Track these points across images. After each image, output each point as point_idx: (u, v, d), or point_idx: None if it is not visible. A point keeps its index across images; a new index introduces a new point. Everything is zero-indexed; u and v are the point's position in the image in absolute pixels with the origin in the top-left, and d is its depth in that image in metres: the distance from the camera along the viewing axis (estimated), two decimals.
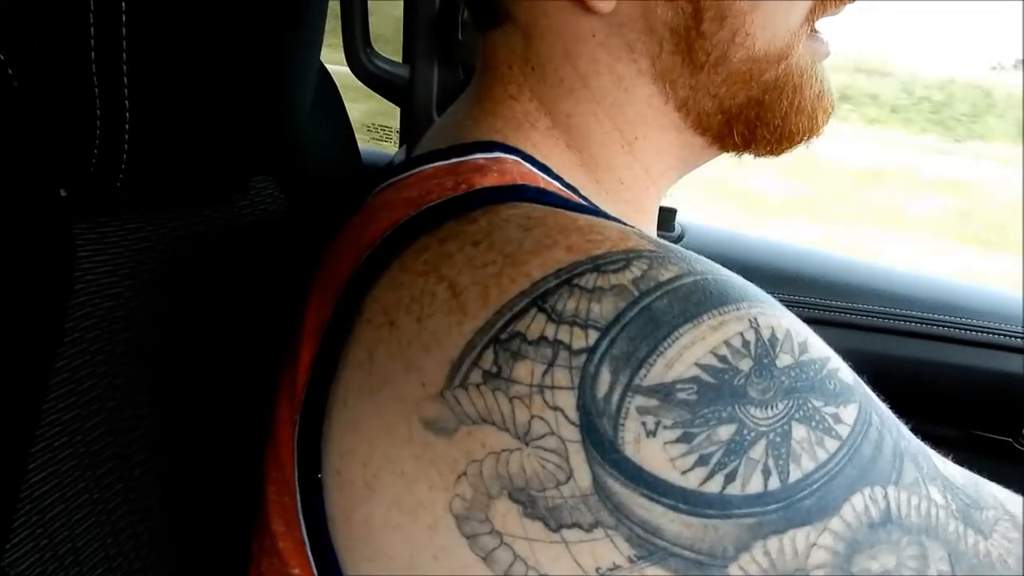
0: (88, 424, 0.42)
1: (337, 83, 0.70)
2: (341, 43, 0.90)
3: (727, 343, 0.29)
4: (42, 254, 0.40)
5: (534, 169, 0.41)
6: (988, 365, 0.90)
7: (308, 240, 0.61)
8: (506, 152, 0.40)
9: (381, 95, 0.90)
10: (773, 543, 0.28)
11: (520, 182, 0.38)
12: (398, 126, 0.98)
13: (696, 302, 0.30)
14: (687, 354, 0.29)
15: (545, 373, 0.29)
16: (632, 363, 0.29)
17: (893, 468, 0.30)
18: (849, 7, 0.45)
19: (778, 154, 0.46)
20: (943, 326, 0.90)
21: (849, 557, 0.29)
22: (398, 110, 0.95)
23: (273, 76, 0.52)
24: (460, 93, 0.49)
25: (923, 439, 0.33)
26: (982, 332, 0.90)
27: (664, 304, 0.29)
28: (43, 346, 0.40)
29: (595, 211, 0.37)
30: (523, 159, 0.41)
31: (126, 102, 0.41)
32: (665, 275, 0.30)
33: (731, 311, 0.30)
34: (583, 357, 0.29)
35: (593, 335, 0.29)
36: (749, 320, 0.30)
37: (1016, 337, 0.89)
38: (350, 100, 0.75)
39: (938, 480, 0.32)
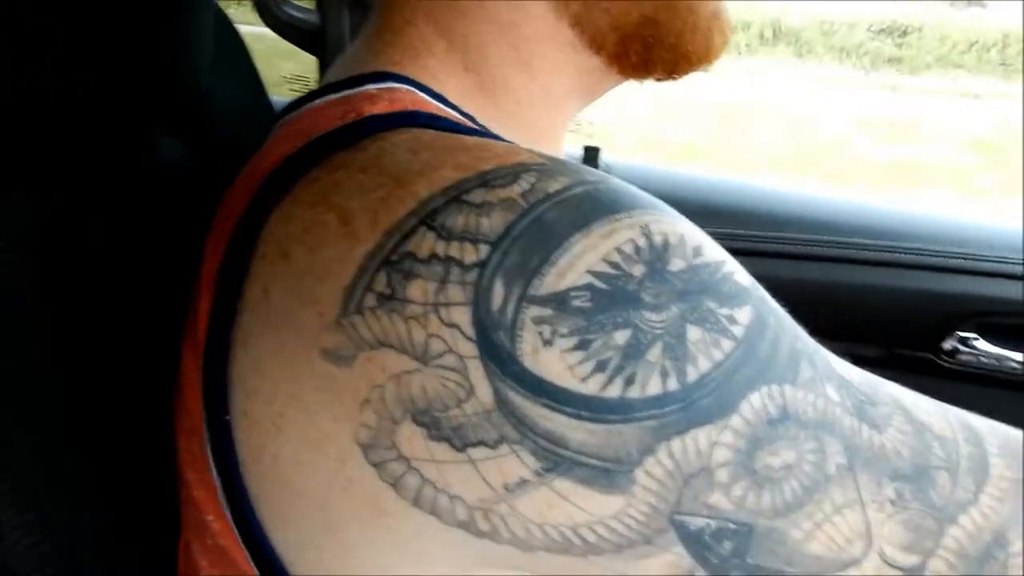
0: None
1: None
2: None
3: (619, 250, 0.29)
4: None
5: (427, 97, 0.40)
6: (907, 285, 0.92)
7: (215, 197, 0.59)
8: (399, 82, 0.40)
9: (293, 43, 0.88)
10: (676, 444, 0.29)
11: (411, 108, 0.38)
12: (316, 77, 0.96)
13: (586, 211, 0.30)
14: (579, 262, 0.29)
15: (438, 291, 0.29)
16: (525, 274, 0.29)
17: (789, 367, 0.31)
18: None
19: (677, 77, 0.46)
20: (862, 249, 0.93)
21: (751, 453, 0.29)
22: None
23: (164, 24, 0.51)
24: None
25: (848, 359, 0.34)
26: (899, 252, 0.92)
27: (554, 215, 0.30)
28: None
29: (488, 135, 0.37)
30: (417, 88, 0.40)
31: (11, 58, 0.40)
32: (554, 186, 0.30)
33: (622, 219, 0.30)
34: (475, 272, 0.29)
35: (484, 249, 0.29)
36: (640, 227, 0.30)
37: (932, 255, 0.91)
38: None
39: (834, 379, 0.32)
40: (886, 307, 0.93)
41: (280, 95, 0.80)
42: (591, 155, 0.94)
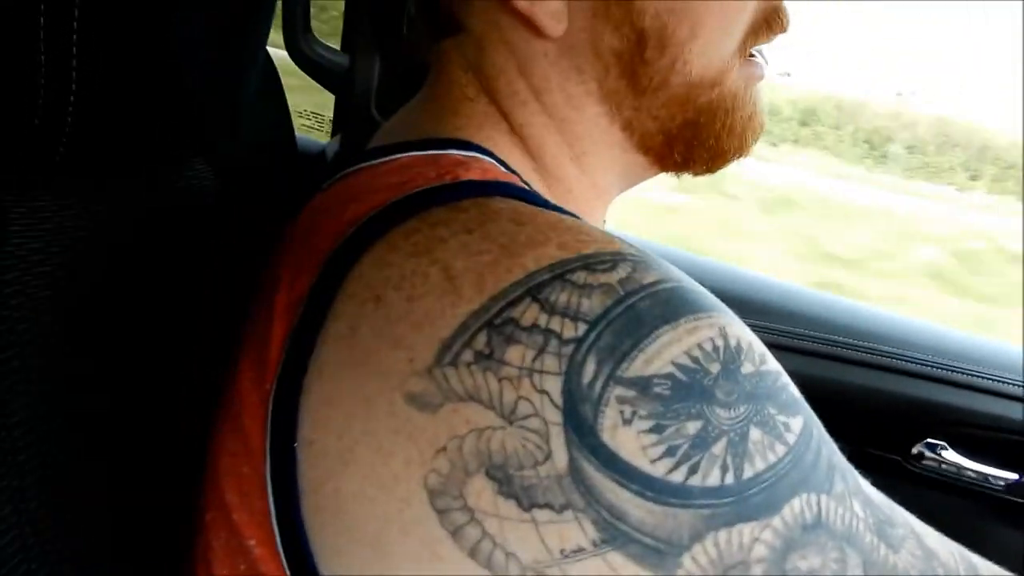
0: (12, 407, 0.41)
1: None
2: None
3: (700, 346, 0.31)
4: None
5: (508, 172, 0.42)
6: (883, 387, 0.95)
7: (241, 222, 0.59)
8: (481, 153, 0.42)
9: (318, 82, 0.89)
10: (723, 535, 0.30)
11: (503, 180, 0.40)
12: (331, 116, 0.97)
13: (675, 306, 0.32)
14: (665, 352, 0.31)
15: (535, 358, 0.31)
16: (616, 355, 0.31)
17: (827, 478, 0.33)
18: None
19: (713, 171, 0.50)
20: (844, 347, 0.95)
21: (784, 554, 0.31)
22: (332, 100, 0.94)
23: (220, 58, 0.51)
24: (401, 89, 0.49)
25: None
26: (879, 355, 0.95)
27: (647, 305, 0.32)
28: None
29: (575, 216, 0.39)
30: (497, 162, 0.42)
31: (73, 73, 0.40)
32: (648, 279, 0.32)
33: (704, 318, 0.32)
34: (572, 346, 0.31)
35: (582, 327, 0.31)
36: (719, 328, 0.32)
37: (911, 362, 0.94)
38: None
39: (860, 495, 0.34)
40: (861, 406, 0.95)
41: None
42: None
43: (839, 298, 1.03)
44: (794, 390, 0.34)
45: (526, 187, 0.41)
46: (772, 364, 0.34)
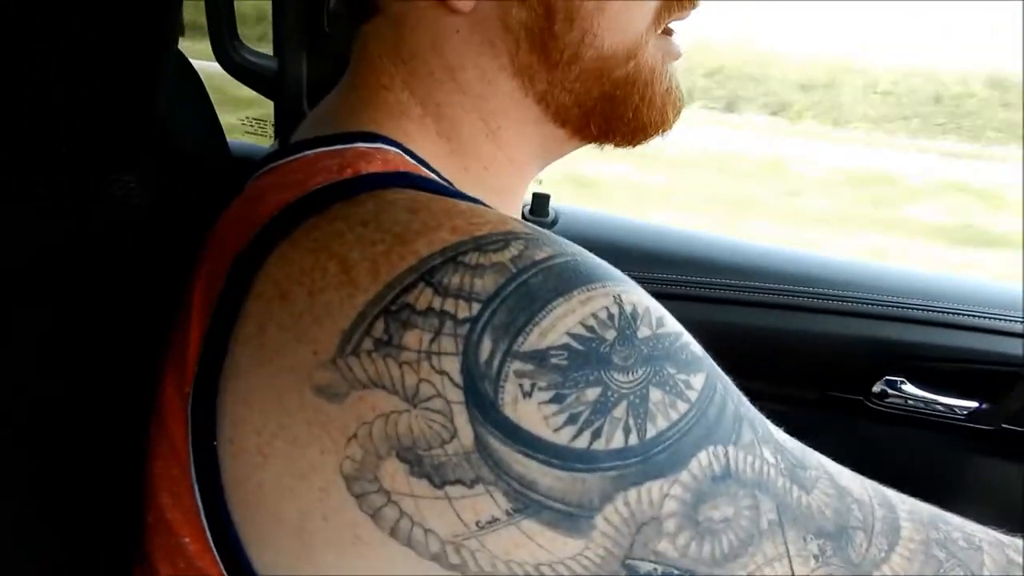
0: None
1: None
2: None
3: (594, 315, 0.33)
4: None
5: (413, 161, 0.43)
6: (840, 331, 0.96)
7: (177, 233, 0.60)
8: (387, 144, 0.43)
9: (250, 87, 0.90)
10: (632, 494, 0.32)
11: (403, 170, 0.41)
12: (272, 119, 0.98)
13: (567, 279, 0.33)
14: (559, 324, 0.32)
15: (432, 340, 0.32)
16: (511, 332, 0.32)
17: (733, 430, 0.34)
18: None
19: (634, 144, 0.51)
20: (797, 296, 0.96)
21: (695, 506, 0.32)
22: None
23: (127, 68, 0.52)
24: (330, 85, 0.50)
25: (783, 400, 0.38)
26: (833, 300, 0.96)
27: (539, 280, 0.33)
28: None
29: (473, 200, 0.40)
30: (403, 151, 0.43)
31: None
32: (540, 255, 0.34)
33: (598, 288, 0.33)
34: (467, 326, 0.32)
35: (476, 306, 0.32)
36: (613, 296, 0.33)
37: (864, 303, 0.96)
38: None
39: (771, 442, 0.36)
40: (819, 351, 0.97)
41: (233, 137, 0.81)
42: (541, 202, 0.97)
43: (781, 248, 1.04)
44: (696, 348, 0.35)
45: (431, 175, 0.42)
46: (671, 326, 0.35)
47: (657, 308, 0.35)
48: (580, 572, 0.32)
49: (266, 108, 0.94)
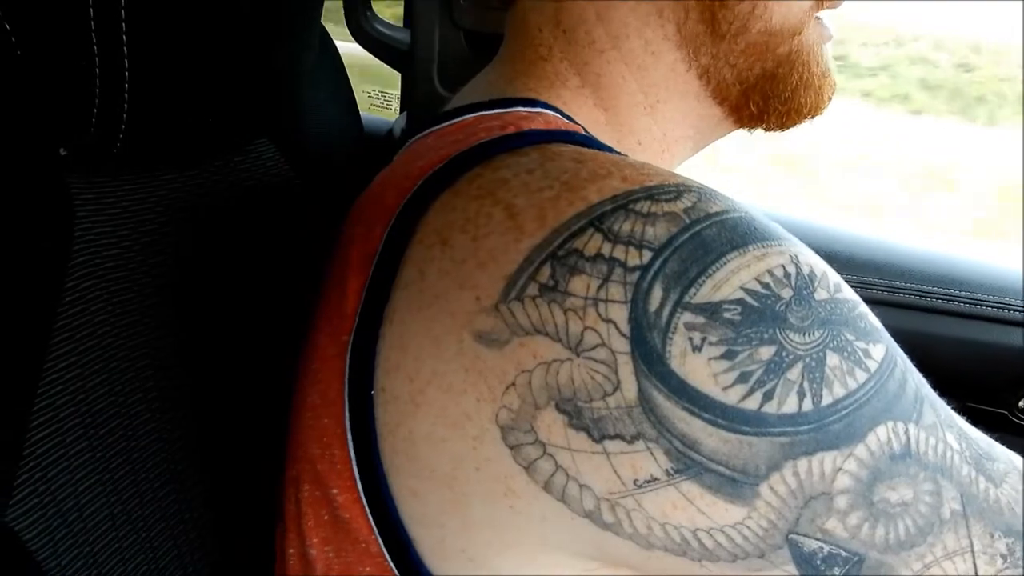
0: (90, 383, 0.43)
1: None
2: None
3: (770, 272, 0.31)
4: (41, 213, 0.40)
5: (575, 124, 0.42)
6: (985, 338, 0.90)
7: (311, 202, 0.61)
8: (547, 108, 0.42)
9: (381, 60, 0.89)
10: (803, 464, 0.30)
11: (566, 129, 0.40)
12: (398, 93, 0.97)
13: (742, 233, 0.31)
14: (734, 278, 0.30)
15: (600, 287, 0.30)
16: (683, 282, 0.30)
17: (914, 408, 0.32)
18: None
19: (786, 128, 0.49)
20: (940, 299, 0.91)
21: (871, 484, 0.30)
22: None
23: (272, 39, 0.52)
24: (461, 58, 0.49)
25: None
26: (979, 305, 0.90)
27: (713, 232, 0.31)
28: (43, 304, 0.40)
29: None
30: (562, 116, 0.42)
31: (125, 61, 0.41)
32: (713, 208, 0.32)
33: (774, 246, 0.31)
34: (637, 274, 0.30)
35: (647, 254, 0.31)
36: (791, 255, 0.31)
37: (1014, 310, 0.89)
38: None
39: (954, 427, 0.33)
40: (962, 359, 0.91)
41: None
42: None
43: (929, 248, 0.98)
44: (874, 320, 0.33)
45: (592, 136, 0.41)
46: (848, 293, 0.33)
47: (834, 274, 0.33)
48: (740, 542, 0.30)
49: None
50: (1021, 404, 0.89)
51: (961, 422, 0.34)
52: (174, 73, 0.45)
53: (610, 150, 0.40)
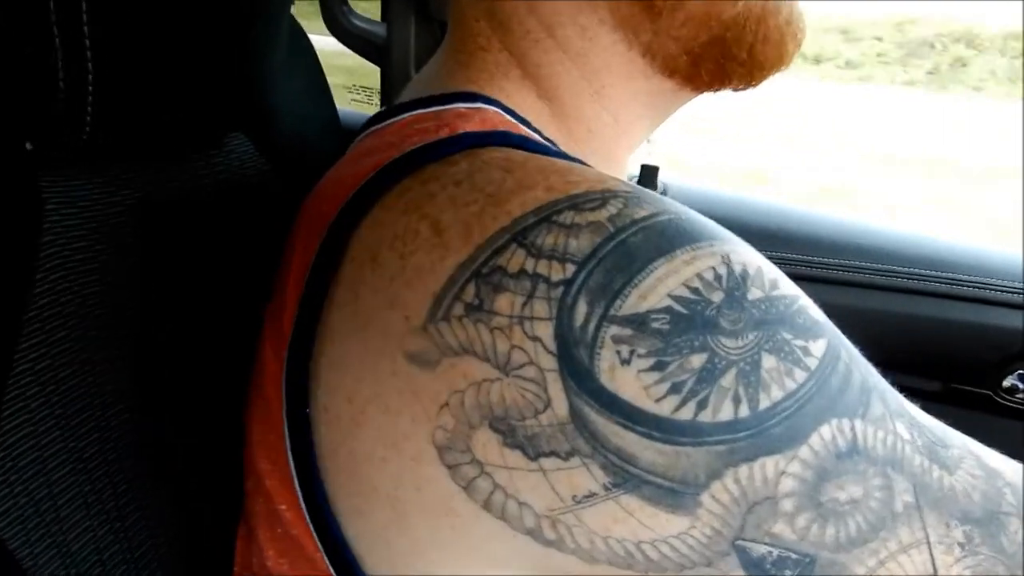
0: (61, 375, 0.43)
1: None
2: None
3: (699, 276, 0.30)
4: (8, 205, 0.41)
5: (514, 120, 0.41)
6: (969, 319, 0.90)
7: (287, 198, 0.61)
8: (487, 103, 0.41)
9: (359, 54, 0.90)
10: (743, 470, 0.29)
11: (502, 129, 0.39)
12: (379, 87, 0.97)
13: (670, 237, 0.30)
14: (661, 286, 0.29)
15: (525, 304, 0.30)
16: (607, 294, 0.29)
17: (860, 402, 0.31)
18: None
19: (753, 85, 0.46)
20: (923, 280, 0.91)
21: (817, 485, 0.29)
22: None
23: (241, 30, 0.52)
24: (436, 50, 0.49)
25: (904, 392, 0.34)
26: (962, 286, 0.90)
27: (639, 239, 0.30)
28: (12, 295, 0.40)
29: (574, 159, 0.38)
30: (503, 110, 0.41)
31: (88, 52, 0.41)
32: (640, 213, 0.31)
33: (704, 247, 0.30)
34: (560, 289, 0.30)
35: (571, 268, 0.30)
36: (721, 256, 0.30)
37: (996, 290, 0.89)
38: None
39: (905, 417, 0.32)
40: (945, 341, 0.91)
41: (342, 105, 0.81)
42: (649, 174, 0.94)
43: (907, 230, 0.98)
44: (815, 313, 0.32)
45: (532, 134, 0.41)
46: (786, 288, 0.32)
47: (771, 269, 0.32)
48: (685, 552, 0.30)
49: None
50: (1005, 384, 0.89)
51: (913, 410, 0.33)
52: (140, 64, 0.45)
53: (551, 146, 0.40)
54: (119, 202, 0.48)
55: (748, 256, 0.31)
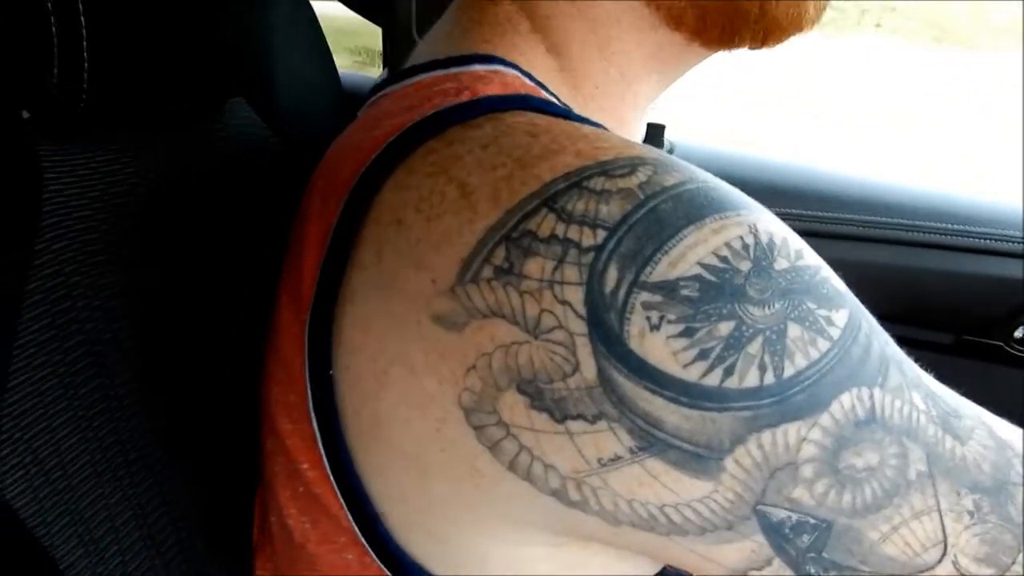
0: (67, 344, 0.43)
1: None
2: None
3: (728, 245, 0.30)
4: (7, 175, 0.40)
5: (532, 83, 0.41)
6: (979, 270, 0.90)
7: (292, 163, 0.60)
8: (504, 66, 0.41)
9: (360, 14, 0.88)
10: (767, 436, 0.29)
11: (523, 92, 0.39)
12: (380, 49, 0.96)
13: (699, 206, 0.30)
14: (690, 253, 0.29)
15: (555, 269, 0.30)
16: (638, 260, 0.29)
17: (879, 372, 0.31)
18: None
19: (769, 45, 0.45)
20: (933, 233, 0.90)
21: (836, 452, 0.30)
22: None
23: None
24: (439, 9, 0.48)
25: (916, 345, 0.34)
26: (972, 237, 0.89)
27: (669, 207, 0.30)
28: (14, 266, 0.40)
29: (595, 124, 0.38)
30: (520, 73, 0.41)
31: (82, 19, 0.41)
32: (669, 181, 0.31)
33: (732, 216, 0.30)
34: (591, 254, 0.30)
35: (601, 234, 0.30)
36: (748, 226, 0.30)
37: (1006, 241, 0.89)
38: None
39: (921, 387, 0.32)
40: (955, 293, 0.90)
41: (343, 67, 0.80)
42: (655, 133, 0.93)
43: (917, 184, 0.97)
44: (837, 283, 0.32)
45: (550, 98, 0.40)
46: (810, 258, 0.32)
47: (796, 239, 0.32)
48: (708, 515, 0.30)
49: None
50: (1016, 335, 0.89)
51: (928, 379, 0.34)
52: (136, 31, 0.44)
53: (567, 110, 0.39)
54: (120, 171, 0.47)
55: (774, 226, 0.32)
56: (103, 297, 0.45)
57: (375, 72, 1.02)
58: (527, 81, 0.41)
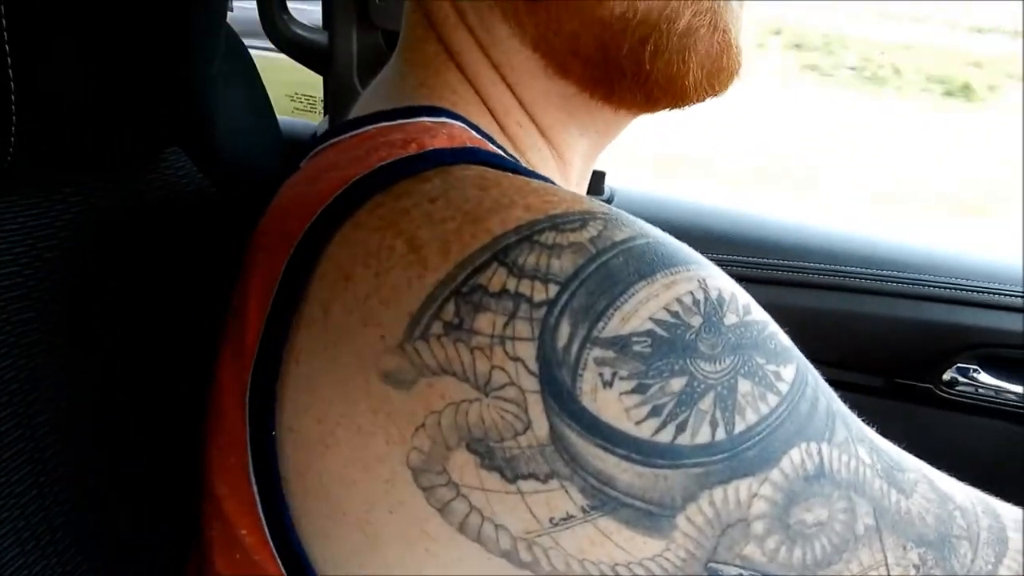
0: None
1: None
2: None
3: (679, 300, 0.30)
4: None
5: (479, 136, 0.41)
6: (909, 315, 0.92)
7: (230, 214, 0.59)
8: (450, 117, 0.41)
9: (300, 63, 0.88)
10: (718, 493, 0.29)
11: (471, 145, 0.38)
12: (322, 96, 0.96)
13: (649, 261, 0.31)
14: (643, 309, 0.30)
15: (506, 324, 0.30)
16: (591, 316, 0.29)
17: (826, 427, 0.32)
18: None
19: (657, 110, 0.44)
20: (865, 278, 0.93)
21: (786, 508, 0.30)
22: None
23: (174, 43, 0.51)
24: (380, 58, 0.48)
25: (848, 388, 0.35)
26: (902, 283, 0.92)
27: (620, 262, 0.30)
28: None
29: (543, 178, 0.38)
30: (467, 125, 0.41)
31: (10, 71, 0.40)
32: (619, 235, 0.31)
33: (682, 271, 0.31)
34: (544, 309, 0.30)
35: (554, 288, 0.30)
36: (698, 281, 0.31)
37: (934, 287, 0.92)
38: None
39: (865, 441, 0.33)
40: (887, 337, 0.93)
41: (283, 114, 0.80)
42: (595, 179, 0.95)
43: (849, 230, 1.00)
44: (784, 339, 0.33)
45: (497, 151, 0.40)
46: (758, 314, 0.32)
47: (743, 294, 0.33)
48: (659, 574, 0.30)
49: None
50: (945, 378, 0.92)
51: (871, 434, 0.34)
52: (66, 80, 0.43)
53: (516, 163, 0.39)
54: (49, 224, 0.46)
55: (722, 281, 0.32)
56: (28, 356, 0.44)
57: (315, 118, 1.02)
58: (474, 134, 0.40)
